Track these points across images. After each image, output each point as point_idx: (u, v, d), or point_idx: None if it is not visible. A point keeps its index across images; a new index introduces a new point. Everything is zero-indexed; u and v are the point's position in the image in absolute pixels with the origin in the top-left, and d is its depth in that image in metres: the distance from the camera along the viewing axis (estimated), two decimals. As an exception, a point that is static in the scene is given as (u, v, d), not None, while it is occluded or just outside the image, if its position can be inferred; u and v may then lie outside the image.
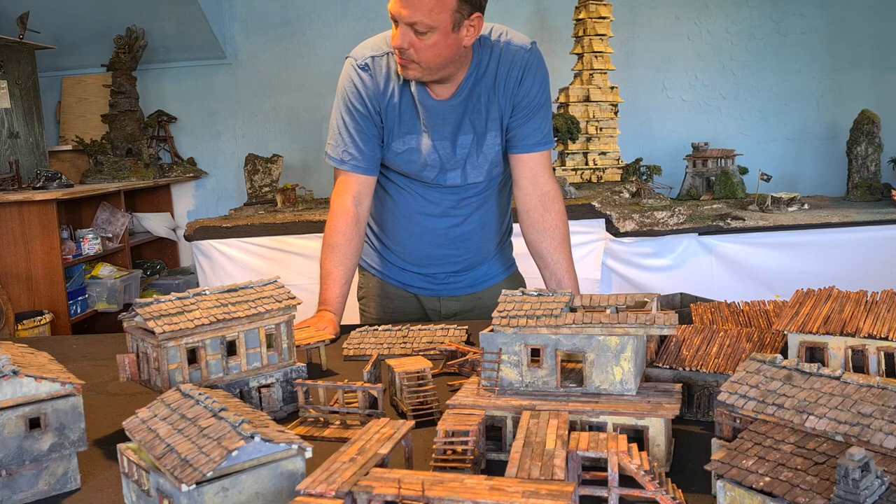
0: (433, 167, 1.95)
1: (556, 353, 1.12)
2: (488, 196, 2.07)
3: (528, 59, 1.91)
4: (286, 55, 5.28)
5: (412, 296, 2.14)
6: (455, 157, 1.95)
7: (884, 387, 0.89)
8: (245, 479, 0.88)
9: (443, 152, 1.94)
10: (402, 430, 1.02)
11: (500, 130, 1.95)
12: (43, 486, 1.08)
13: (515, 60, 1.90)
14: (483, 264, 2.14)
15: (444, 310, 2.13)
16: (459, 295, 2.13)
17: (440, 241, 2.06)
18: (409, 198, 2.03)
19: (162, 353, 1.21)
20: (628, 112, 4.87)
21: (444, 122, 1.91)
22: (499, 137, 1.96)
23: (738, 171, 4.32)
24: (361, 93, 1.91)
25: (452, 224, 2.04)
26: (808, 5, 4.99)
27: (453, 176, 1.97)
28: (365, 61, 1.91)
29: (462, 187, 2.00)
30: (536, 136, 1.97)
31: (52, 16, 4.77)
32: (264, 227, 3.83)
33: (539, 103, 1.96)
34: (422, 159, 1.94)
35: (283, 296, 1.37)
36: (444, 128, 1.92)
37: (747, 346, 1.26)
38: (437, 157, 1.94)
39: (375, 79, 1.90)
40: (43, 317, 3.85)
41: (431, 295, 2.13)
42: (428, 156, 1.93)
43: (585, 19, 4.54)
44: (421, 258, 2.09)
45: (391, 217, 2.08)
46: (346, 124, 1.95)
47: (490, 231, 2.12)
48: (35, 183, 4.26)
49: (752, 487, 0.81)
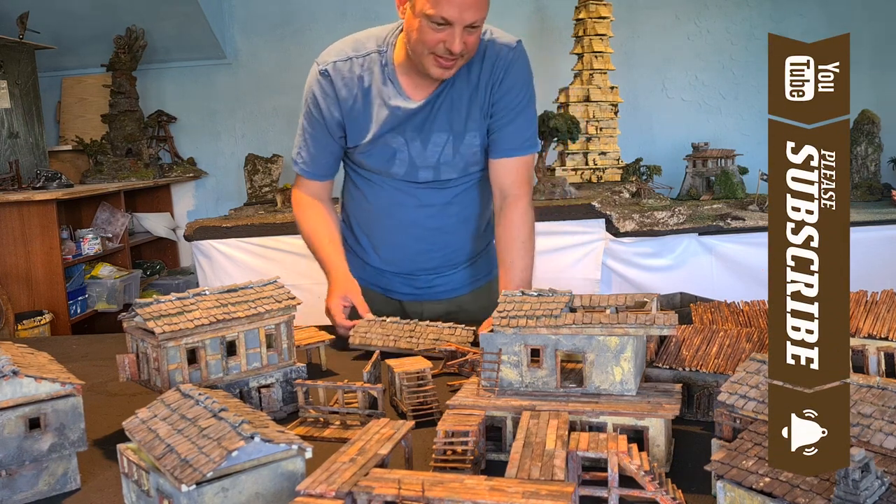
0: (402, 164, 1.93)
1: (555, 353, 1.12)
2: (467, 188, 2.01)
3: (511, 57, 1.86)
4: (286, 55, 5.27)
5: (395, 301, 2.11)
6: (425, 156, 1.91)
7: (884, 387, 0.89)
8: (245, 479, 0.88)
9: (413, 151, 1.91)
10: (402, 430, 1.02)
11: (480, 131, 1.90)
12: (43, 487, 1.08)
13: (499, 58, 1.86)
14: (465, 264, 2.10)
15: (426, 314, 2.08)
16: (442, 299, 2.10)
17: (418, 234, 2.01)
18: (380, 192, 2.00)
19: (162, 353, 1.21)
20: (628, 112, 4.87)
21: (414, 122, 1.88)
22: (478, 138, 1.91)
23: (738, 171, 4.32)
24: (319, 100, 1.91)
25: (429, 214, 1.99)
26: (808, 5, 4.99)
27: (425, 173, 1.94)
28: (325, 67, 1.90)
29: (435, 182, 1.96)
30: (515, 141, 1.92)
31: (52, 16, 4.77)
32: (264, 227, 3.82)
33: (521, 105, 1.90)
34: (389, 158, 1.92)
35: (283, 296, 1.37)
36: (413, 128, 1.88)
37: (747, 346, 1.26)
38: (407, 155, 1.91)
39: (335, 85, 1.88)
40: (43, 317, 3.85)
41: (414, 300, 2.10)
42: (396, 154, 1.91)
43: (585, 19, 4.54)
44: (401, 256, 2.05)
45: (366, 213, 2.06)
46: (303, 128, 1.99)
47: (471, 224, 2.07)
48: (35, 183, 4.26)
49: (752, 488, 0.81)
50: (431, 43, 1.71)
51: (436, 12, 1.66)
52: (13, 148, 4.47)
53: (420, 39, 1.72)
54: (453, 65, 1.75)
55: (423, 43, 1.72)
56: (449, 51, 1.71)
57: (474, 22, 1.68)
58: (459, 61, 1.76)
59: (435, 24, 1.68)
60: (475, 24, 1.69)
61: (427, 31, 1.70)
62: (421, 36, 1.71)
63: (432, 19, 1.67)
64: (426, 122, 1.88)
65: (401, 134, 1.90)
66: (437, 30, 1.69)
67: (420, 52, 1.75)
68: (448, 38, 1.69)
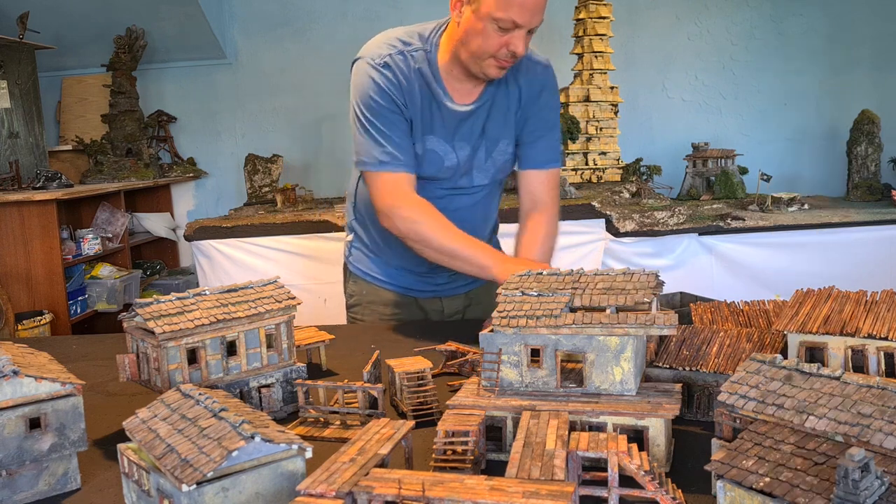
0: (450, 169, 1.91)
1: (555, 353, 1.12)
2: (491, 192, 2.05)
3: (547, 75, 1.93)
4: (286, 55, 5.28)
5: (412, 299, 2.11)
6: (465, 160, 1.91)
7: (884, 387, 0.89)
8: (245, 479, 0.88)
9: (461, 156, 1.90)
10: (403, 430, 1.02)
11: (511, 139, 1.94)
12: (43, 487, 1.08)
13: (537, 74, 1.91)
14: None
15: (446, 309, 2.11)
16: (460, 294, 2.11)
17: None
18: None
19: (162, 353, 1.21)
20: (628, 112, 4.87)
21: (466, 126, 1.87)
22: (511, 146, 1.94)
23: (738, 171, 4.32)
24: (387, 90, 1.80)
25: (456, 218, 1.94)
26: (808, 5, 4.99)
27: (459, 177, 1.94)
28: (384, 60, 1.81)
29: (467, 188, 1.97)
30: (548, 154, 1.97)
31: (52, 16, 4.77)
32: (264, 227, 3.83)
33: (553, 121, 1.97)
34: (441, 162, 1.89)
35: (283, 296, 1.37)
36: (466, 132, 1.88)
37: (747, 346, 1.26)
38: (457, 160, 1.90)
39: (398, 77, 1.82)
40: (43, 317, 3.85)
41: (433, 296, 2.10)
42: (446, 158, 1.89)
43: (585, 19, 4.54)
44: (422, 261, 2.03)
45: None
46: (368, 126, 1.82)
47: (489, 223, 2.11)
48: (35, 183, 4.26)
49: (752, 488, 0.81)
50: (496, 46, 1.71)
51: (506, 15, 1.65)
52: (13, 148, 4.47)
53: (483, 42, 1.71)
54: (510, 65, 1.78)
55: (487, 45, 1.71)
56: (513, 53, 1.71)
57: (538, 26, 1.71)
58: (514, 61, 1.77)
59: (502, 27, 1.68)
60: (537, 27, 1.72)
61: (492, 35, 1.69)
62: (485, 38, 1.71)
63: (500, 23, 1.67)
64: (470, 126, 1.89)
65: (445, 137, 1.88)
66: (502, 33, 1.69)
67: (480, 55, 1.74)
68: (513, 42, 1.70)
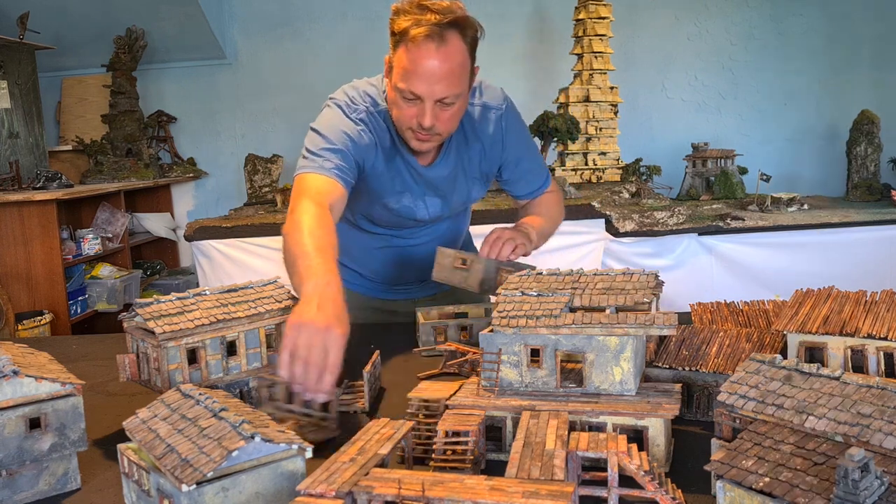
0: (423, 219, 1.94)
1: (555, 353, 1.13)
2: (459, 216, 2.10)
3: (505, 115, 1.88)
4: (286, 55, 5.28)
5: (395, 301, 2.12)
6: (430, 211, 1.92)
7: (883, 387, 0.89)
8: (245, 479, 0.88)
9: (432, 209, 1.92)
10: (402, 430, 1.02)
11: (484, 183, 1.96)
12: (43, 486, 1.08)
13: (491, 122, 1.87)
14: None
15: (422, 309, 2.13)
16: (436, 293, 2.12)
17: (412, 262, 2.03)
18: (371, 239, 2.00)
19: (162, 353, 1.21)
20: (628, 112, 4.87)
21: (434, 184, 1.88)
22: (484, 188, 1.98)
23: (737, 171, 4.32)
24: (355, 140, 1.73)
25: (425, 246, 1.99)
26: (808, 5, 4.99)
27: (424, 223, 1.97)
28: (360, 117, 1.76)
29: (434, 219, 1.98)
30: (536, 181, 2.01)
31: (52, 16, 4.77)
32: (264, 227, 3.82)
33: (526, 146, 1.97)
34: (413, 215, 1.91)
35: (283, 296, 1.37)
36: (434, 189, 1.89)
37: (747, 346, 1.26)
38: (427, 212, 1.92)
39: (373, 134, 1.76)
40: (43, 317, 3.85)
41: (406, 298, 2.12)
42: (418, 212, 1.90)
43: (585, 19, 4.54)
44: (395, 279, 2.07)
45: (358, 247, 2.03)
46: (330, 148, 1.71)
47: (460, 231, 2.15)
48: (35, 183, 4.26)
49: (751, 488, 0.81)
50: (407, 117, 1.68)
51: (406, 86, 1.63)
52: (13, 148, 4.47)
53: (398, 112, 1.70)
54: (430, 139, 1.72)
55: (401, 116, 1.70)
56: (420, 125, 1.67)
57: (445, 98, 1.63)
58: (436, 137, 1.72)
59: (407, 98, 1.66)
60: (446, 99, 1.64)
61: (402, 106, 1.68)
62: (398, 109, 1.70)
63: (403, 93, 1.65)
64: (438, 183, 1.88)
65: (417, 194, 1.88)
66: (409, 105, 1.66)
67: (399, 126, 1.74)
68: (419, 114, 1.66)
